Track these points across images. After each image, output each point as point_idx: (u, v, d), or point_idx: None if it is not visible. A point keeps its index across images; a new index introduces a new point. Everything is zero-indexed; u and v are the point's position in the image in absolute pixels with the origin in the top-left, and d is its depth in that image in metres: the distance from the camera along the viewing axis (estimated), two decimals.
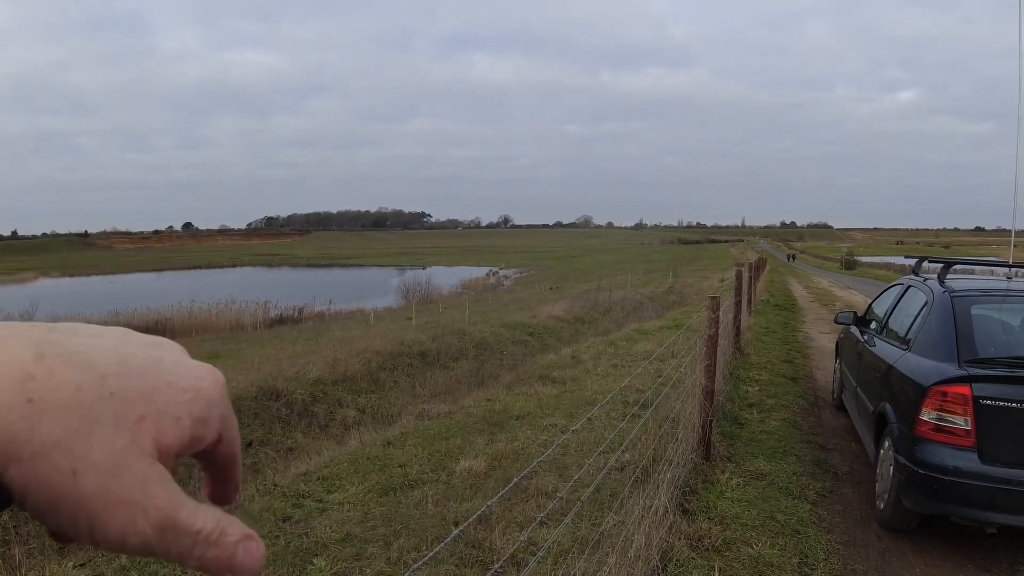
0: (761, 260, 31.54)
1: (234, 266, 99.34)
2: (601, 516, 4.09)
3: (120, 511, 0.31)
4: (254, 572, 0.36)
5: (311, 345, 16.03)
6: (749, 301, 13.87)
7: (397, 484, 5.46)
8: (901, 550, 4.30)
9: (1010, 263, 5.90)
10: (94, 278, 76.68)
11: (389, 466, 5.90)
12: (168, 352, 0.36)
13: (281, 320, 31.44)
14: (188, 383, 0.35)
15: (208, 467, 0.41)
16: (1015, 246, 6.50)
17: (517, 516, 4.53)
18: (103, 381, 0.31)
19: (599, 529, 3.91)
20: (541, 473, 5.17)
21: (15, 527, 7.15)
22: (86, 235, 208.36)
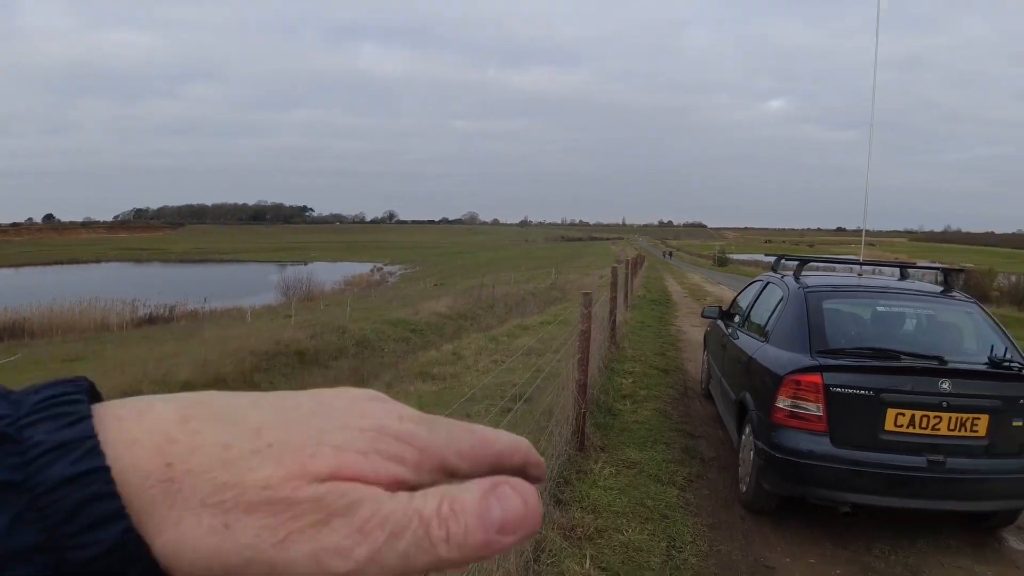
0: (639, 257, 32.61)
1: (99, 261, 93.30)
2: None
3: (312, 546, 0.28)
4: (520, 518, 0.31)
5: (181, 346, 15.28)
6: (626, 296, 14.30)
7: None
8: (763, 531, 4.54)
9: (860, 260, 6.34)
10: None
11: None
12: (350, 397, 0.33)
13: (151, 319, 29.82)
14: (367, 423, 0.31)
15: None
16: (868, 245, 7.01)
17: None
18: (257, 435, 0.29)
19: None
20: None
21: None
22: None
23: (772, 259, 6.75)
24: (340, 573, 0.28)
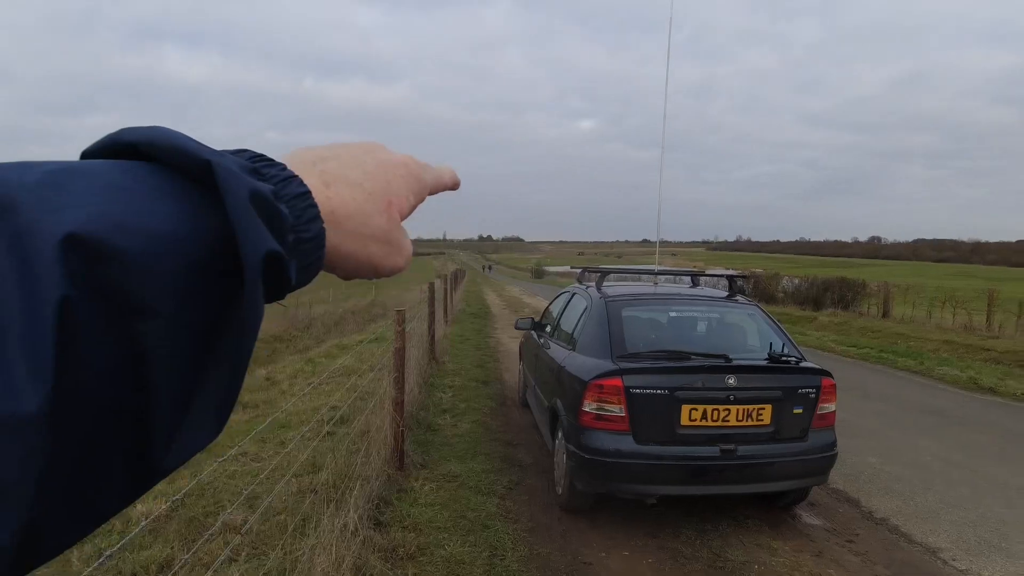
0: (460, 271, 32.99)
1: None
2: (292, 542, 3.94)
3: (392, 259, 0.49)
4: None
5: None
6: (446, 311, 14.39)
7: None
8: (580, 528, 4.74)
9: (656, 269, 6.80)
10: None
11: None
12: (382, 153, 0.51)
13: None
14: (405, 173, 0.51)
15: None
16: (671, 254, 7.52)
17: (203, 557, 4.20)
18: (362, 187, 0.47)
19: (288, 556, 3.76)
20: (229, 506, 4.85)
21: None
22: None
23: (578, 271, 7.07)
24: (399, 266, 0.51)
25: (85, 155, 0.38)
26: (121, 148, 0.37)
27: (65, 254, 0.30)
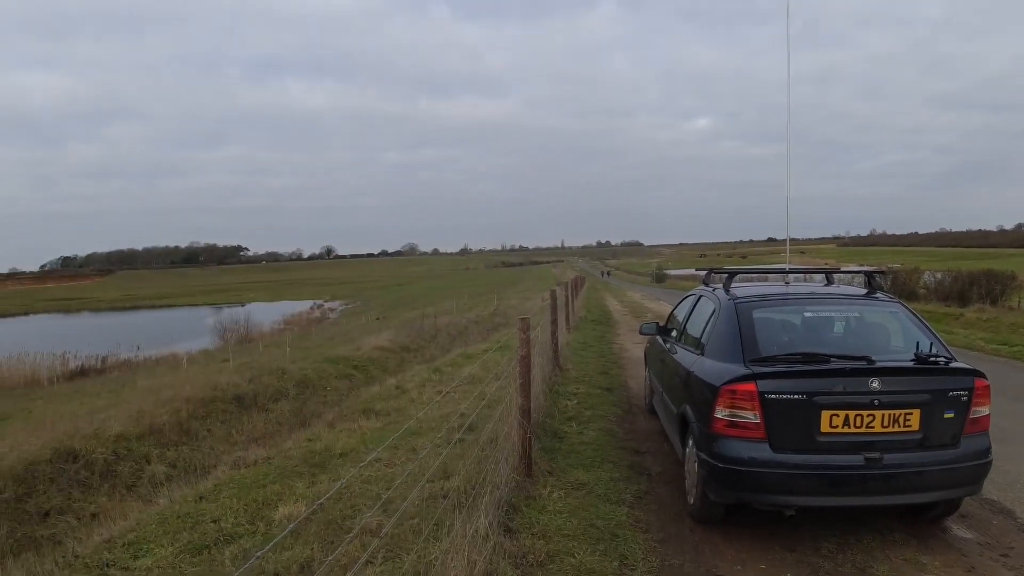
0: (579, 278, 32.95)
1: (26, 314, 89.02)
2: (425, 547, 4.03)
3: None
4: None
5: (115, 397, 14.74)
6: (567, 318, 14.39)
7: (211, 541, 5.09)
8: (713, 540, 4.58)
9: (787, 268, 6.51)
10: None
11: (202, 522, 5.50)
12: None
13: (83, 372, 28.68)
14: None
15: None
16: (799, 253, 7.21)
17: (341, 558, 4.36)
18: None
19: (423, 559, 3.85)
20: (365, 510, 5.02)
21: None
22: None
23: (703, 272, 6.88)
24: None
25: None
26: None
27: None
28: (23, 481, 8.96)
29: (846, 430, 4.24)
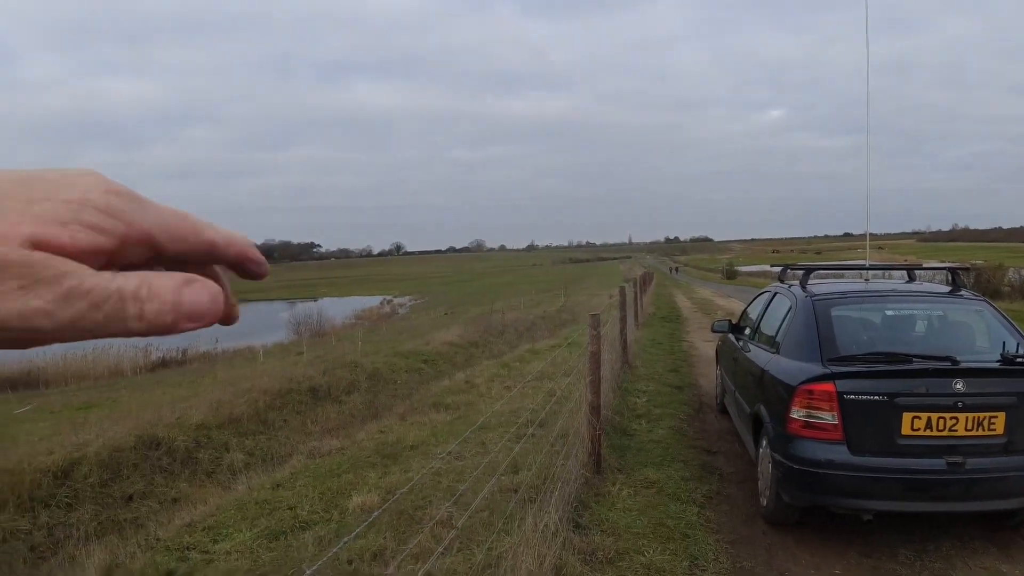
0: (648, 275, 32.62)
1: None
2: (496, 539, 4.07)
3: (70, 308, 0.33)
4: (205, 310, 0.37)
5: (194, 388, 15.30)
6: (636, 315, 14.27)
7: (287, 527, 5.26)
8: (786, 543, 4.49)
9: (866, 265, 6.32)
10: None
11: (278, 509, 5.68)
12: (63, 171, 0.37)
13: (164, 363, 29.83)
14: (73, 195, 0.35)
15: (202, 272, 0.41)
16: (876, 248, 6.97)
17: (413, 548, 4.45)
18: None
19: (493, 552, 3.89)
20: (436, 501, 5.10)
21: None
22: None
23: (778, 269, 6.73)
24: (45, 330, 0.33)
25: None
26: None
27: None
28: (108, 467, 9.39)
29: (928, 433, 4.09)
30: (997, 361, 4.33)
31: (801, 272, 5.87)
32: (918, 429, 4.09)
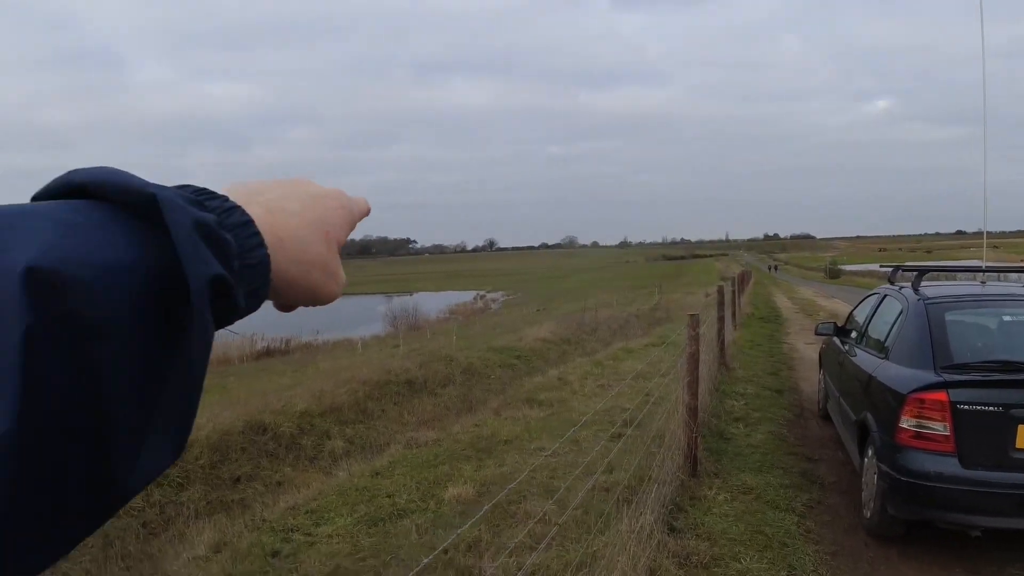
0: (746, 273, 31.78)
1: None
2: (589, 538, 4.09)
3: (329, 287, 0.51)
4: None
5: (298, 377, 15.94)
6: (734, 315, 13.96)
7: (385, 514, 5.43)
8: (889, 557, 4.32)
9: (983, 267, 5.98)
10: None
11: (377, 496, 5.87)
12: (313, 186, 0.53)
13: (268, 352, 31.15)
14: (338, 205, 0.54)
15: None
16: (993, 247, 6.58)
17: (506, 541, 4.52)
18: (301, 217, 0.49)
19: (587, 551, 3.91)
20: (530, 497, 5.16)
21: None
22: None
23: (888, 270, 6.46)
24: (335, 294, 0.52)
25: (36, 197, 0.40)
26: (71, 189, 0.39)
27: (26, 286, 0.32)
28: (218, 449, 9.91)
29: None
30: None
31: (913, 273, 5.62)
32: None
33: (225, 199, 0.43)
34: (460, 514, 5.23)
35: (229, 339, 32.84)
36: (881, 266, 8.50)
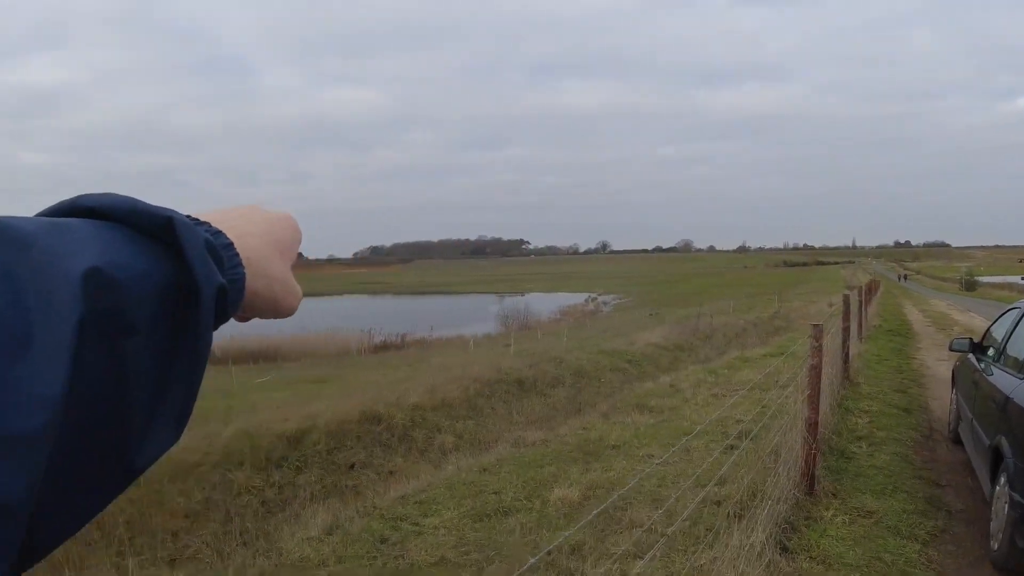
0: (873, 282, 30.20)
1: (340, 294, 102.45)
2: (696, 551, 4.01)
3: (288, 300, 0.57)
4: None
5: (411, 371, 16.41)
6: (859, 326, 13.30)
7: (491, 511, 5.52)
8: None
9: None
10: None
11: (484, 492, 5.98)
12: (262, 212, 0.60)
13: (384, 346, 32.27)
14: (289, 227, 0.61)
15: None
16: None
17: (610, 547, 4.50)
18: (261, 238, 0.55)
19: (694, 565, 3.84)
20: (636, 504, 5.12)
21: (130, 538, 7.62)
22: None
23: None
24: (294, 307, 0.58)
25: (42, 216, 0.45)
26: (78, 211, 0.44)
27: (85, 283, 0.38)
28: (335, 436, 10.35)
29: None
30: None
31: None
32: None
33: (209, 225, 0.50)
34: (564, 516, 5.24)
35: (348, 333, 34.20)
36: (1023, 278, 7.88)
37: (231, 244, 0.50)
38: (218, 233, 0.50)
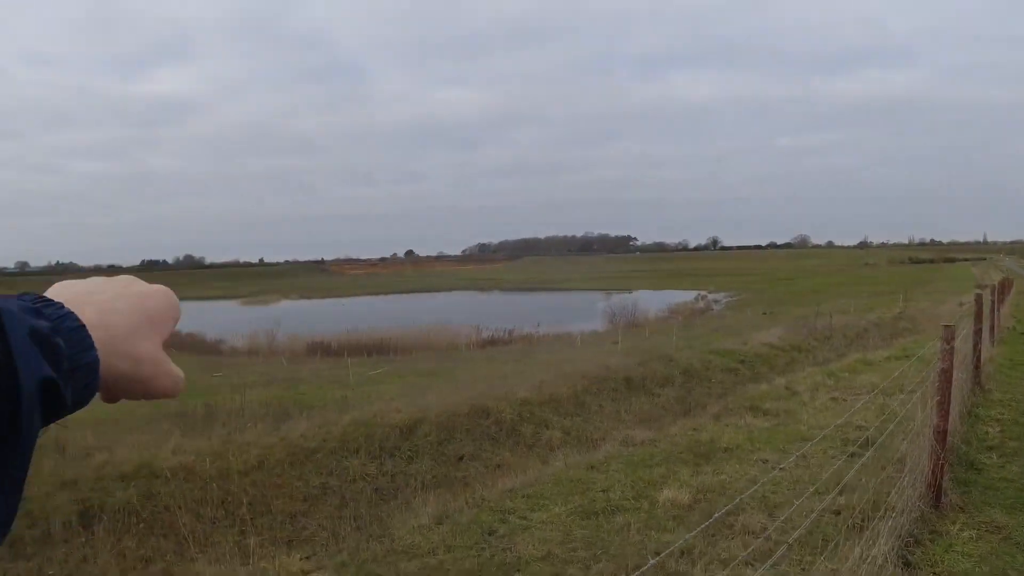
0: (1007, 280, 28.13)
1: (449, 290, 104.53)
2: (812, 561, 3.89)
3: (160, 379, 0.56)
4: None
5: (518, 367, 16.58)
6: (992, 329, 12.43)
7: (599, 508, 5.53)
8: None
9: None
10: (328, 300, 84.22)
11: (591, 490, 5.99)
12: (139, 285, 0.60)
13: (491, 341, 32.73)
14: (170, 310, 0.60)
15: None
16: None
17: (721, 553, 4.42)
18: (129, 316, 0.55)
19: (809, 574, 3.73)
20: (748, 510, 5.00)
21: (251, 519, 8.07)
22: (322, 262, 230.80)
23: None
24: (168, 388, 0.56)
25: None
26: None
27: None
28: (445, 428, 10.60)
29: None
30: None
31: None
32: None
33: (61, 306, 0.50)
34: (673, 518, 5.19)
35: (457, 327, 34.92)
36: None
37: (81, 327, 0.49)
38: (65, 316, 0.49)
